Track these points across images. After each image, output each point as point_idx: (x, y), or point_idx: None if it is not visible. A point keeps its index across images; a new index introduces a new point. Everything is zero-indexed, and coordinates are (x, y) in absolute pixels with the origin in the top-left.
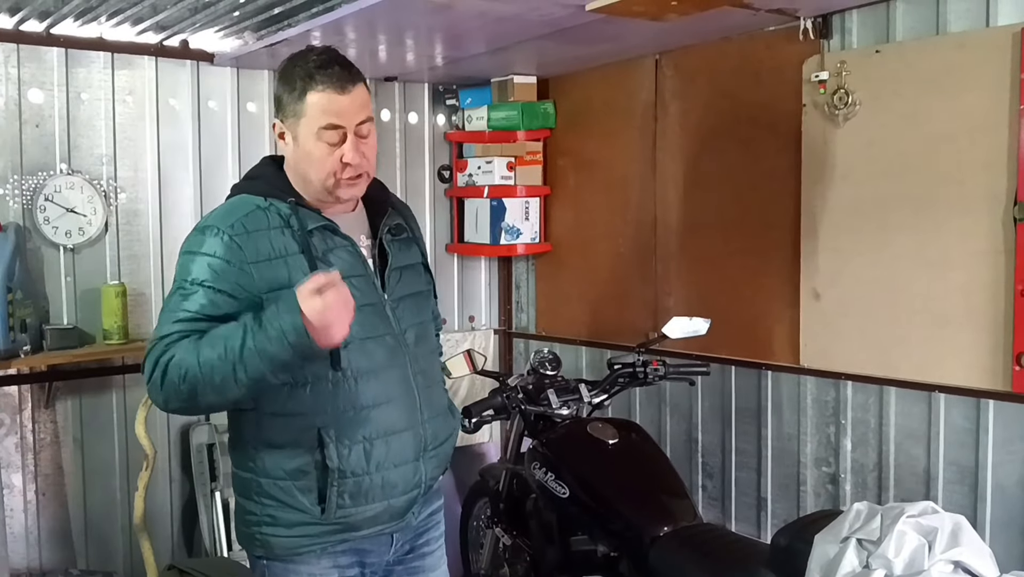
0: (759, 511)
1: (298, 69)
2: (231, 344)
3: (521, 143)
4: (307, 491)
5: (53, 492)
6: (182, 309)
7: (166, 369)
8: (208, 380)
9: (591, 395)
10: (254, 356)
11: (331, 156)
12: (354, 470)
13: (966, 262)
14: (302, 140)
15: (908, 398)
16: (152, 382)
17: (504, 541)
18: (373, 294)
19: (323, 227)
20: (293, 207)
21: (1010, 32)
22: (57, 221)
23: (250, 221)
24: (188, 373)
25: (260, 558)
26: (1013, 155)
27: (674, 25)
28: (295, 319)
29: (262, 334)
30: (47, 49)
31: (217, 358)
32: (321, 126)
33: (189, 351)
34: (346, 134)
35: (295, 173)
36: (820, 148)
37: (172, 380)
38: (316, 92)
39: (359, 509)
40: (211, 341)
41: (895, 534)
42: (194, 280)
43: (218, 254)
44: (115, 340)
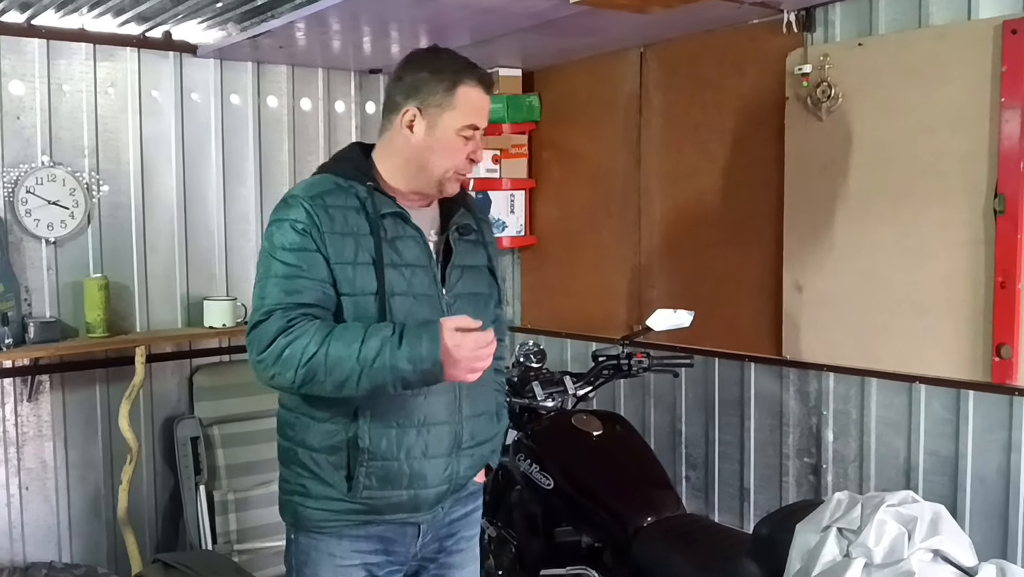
0: (742, 501)
1: (449, 62)
2: (366, 351)
3: (506, 136)
4: (338, 467)
5: (37, 486)
6: (277, 275)
7: (287, 346)
8: (330, 373)
9: (576, 387)
10: (385, 369)
11: (463, 151)
12: (384, 454)
13: (947, 254)
14: (441, 130)
15: (889, 389)
16: (268, 353)
17: (489, 533)
18: (432, 286)
19: (395, 214)
20: (370, 190)
21: (991, 25)
22: (39, 213)
23: (329, 196)
24: (312, 361)
25: (291, 527)
26: (994, 147)
27: (658, 17)
28: (435, 349)
29: (400, 353)
30: (28, 40)
31: (348, 358)
32: (467, 123)
33: (316, 338)
34: (477, 134)
35: (408, 163)
36: (803, 140)
37: (290, 360)
38: (468, 86)
39: (385, 493)
40: (343, 338)
41: (875, 523)
42: (281, 244)
43: (300, 219)
44: (98, 333)
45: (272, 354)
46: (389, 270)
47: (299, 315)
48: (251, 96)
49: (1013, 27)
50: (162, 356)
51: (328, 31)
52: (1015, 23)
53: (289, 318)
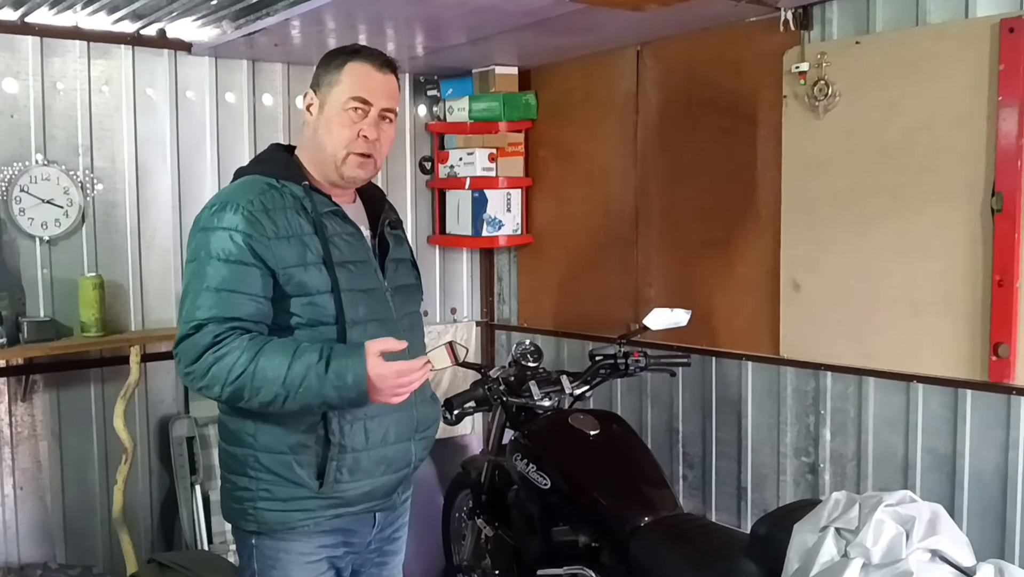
0: (739, 501)
1: (344, 48)
2: (292, 376)
3: (502, 134)
4: (306, 465)
5: (31, 486)
6: (211, 287)
7: (215, 362)
8: (257, 391)
9: (572, 386)
10: (311, 393)
11: (351, 127)
12: (354, 446)
13: (944, 252)
14: (328, 107)
15: (887, 388)
16: (196, 367)
17: (486, 532)
18: (374, 280)
19: (333, 212)
20: (307, 189)
21: (989, 23)
22: (33, 212)
23: (267, 199)
24: (239, 378)
25: (250, 534)
26: (991, 146)
27: (655, 16)
28: (360, 378)
29: (326, 380)
30: (22, 38)
31: (274, 381)
32: (350, 96)
33: (244, 356)
34: (368, 112)
35: (310, 147)
36: (800, 139)
37: (218, 376)
38: (355, 63)
39: (355, 484)
40: (271, 360)
41: (873, 523)
42: (218, 255)
43: (240, 228)
44: (93, 333)
45: (200, 369)
46: (338, 268)
47: (228, 329)
48: (246, 94)
49: (1011, 25)
50: (157, 355)
51: (323, 29)
52: (1012, 21)
53: (217, 333)
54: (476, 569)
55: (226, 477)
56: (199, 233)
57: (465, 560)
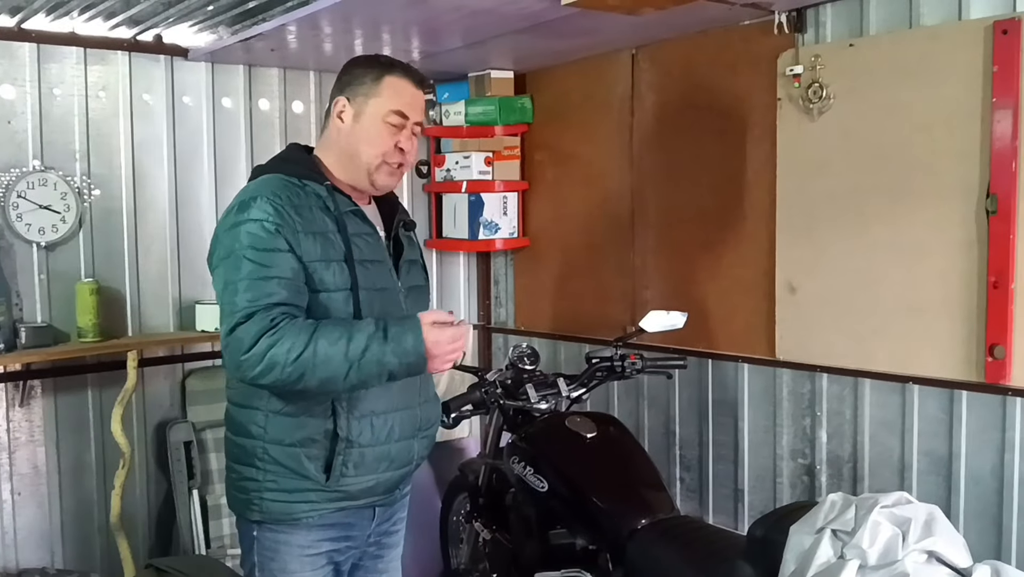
0: (736, 503)
1: (379, 58)
2: (354, 348)
3: (499, 138)
4: (314, 459)
5: (29, 492)
6: (253, 276)
7: (272, 346)
8: (319, 370)
9: (569, 389)
10: (372, 363)
11: (389, 139)
12: (361, 441)
13: (940, 254)
14: (366, 118)
15: (883, 389)
16: (252, 354)
17: (483, 535)
18: (391, 280)
19: (354, 212)
20: (329, 189)
21: (982, 25)
22: (30, 218)
23: (294, 196)
24: (299, 359)
25: (253, 525)
26: (986, 147)
27: (650, 19)
28: (419, 344)
29: (387, 347)
30: (18, 44)
31: (336, 355)
32: (392, 109)
33: (301, 337)
34: (406, 125)
35: (341, 154)
36: (795, 141)
37: (276, 358)
38: (395, 77)
39: (359, 479)
40: (328, 336)
41: (869, 525)
42: (254, 245)
43: (270, 217)
44: (90, 338)
45: (256, 355)
46: (357, 266)
47: (279, 314)
48: (243, 99)
49: (1004, 27)
50: (154, 360)
51: (320, 34)
52: (1006, 23)
53: (271, 317)
54: (474, 572)
55: (232, 467)
56: (230, 230)
57: (463, 563)
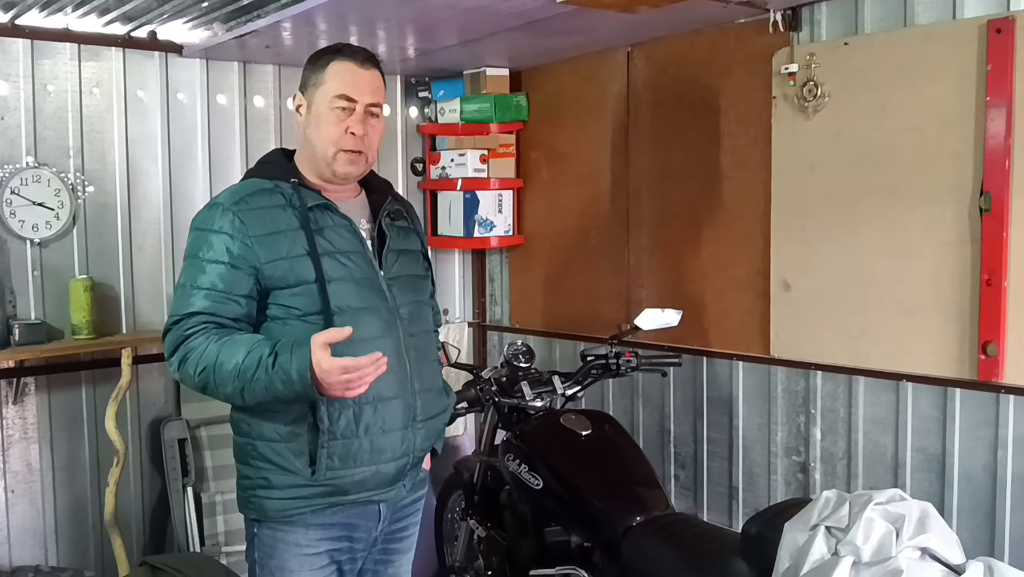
0: (730, 500)
1: (327, 48)
2: (245, 367)
3: (494, 136)
4: (299, 453)
5: (23, 489)
6: (196, 285)
7: (185, 357)
8: (220, 385)
9: (564, 387)
10: (261, 387)
11: (338, 124)
12: (343, 432)
13: (933, 252)
14: (315, 107)
15: (876, 387)
16: (171, 362)
17: (478, 533)
18: (369, 270)
19: (322, 205)
20: (295, 186)
21: (976, 24)
22: (23, 214)
23: (254, 199)
24: (204, 371)
25: (253, 523)
26: (979, 146)
27: (645, 17)
28: (304, 371)
29: (273, 373)
30: (12, 40)
31: (230, 373)
32: (335, 94)
33: (209, 349)
34: (355, 108)
35: (304, 148)
36: (790, 140)
37: (188, 370)
38: (337, 62)
39: (347, 472)
40: (228, 351)
41: (863, 521)
42: (204, 256)
43: (224, 229)
44: (83, 335)
45: (177, 358)
46: (325, 259)
47: (197, 323)
48: (237, 96)
49: (998, 26)
50: (149, 357)
51: (315, 31)
52: (1000, 22)
53: (187, 327)
54: (468, 570)
55: (236, 466)
56: (194, 231)
57: (457, 561)
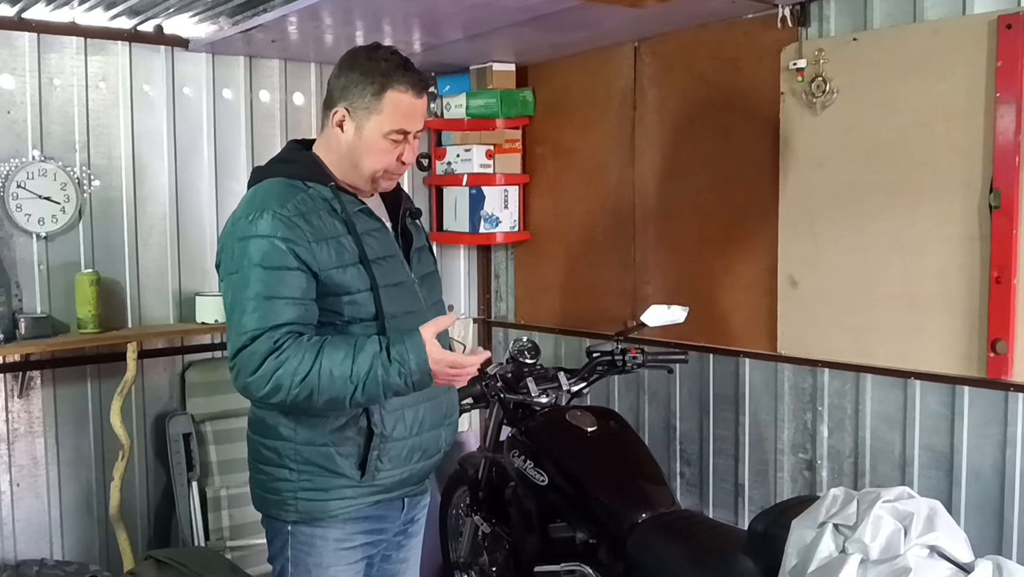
0: (736, 497)
1: (380, 64)
2: (358, 368)
3: (500, 131)
4: (347, 456)
5: (28, 483)
6: (264, 295)
7: (277, 368)
8: (325, 390)
9: (570, 383)
10: (376, 383)
11: (391, 153)
12: (395, 435)
13: (942, 249)
14: (368, 133)
15: (884, 384)
16: (258, 376)
17: (483, 529)
18: (404, 273)
19: (361, 210)
20: (334, 190)
21: (986, 19)
22: (29, 208)
23: (301, 203)
24: (305, 381)
25: (286, 523)
26: (989, 142)
27: (652, 12)
28: (422, 361)
29: (390, 367)
30: (18, 34)
31: (340, 376)
32: (394, 128)
33: (306, 358)
34: (407, 139)
35: (341, 160)
36: (798, 135)
37: (283, 380)
38: (397, 92)
39: (392, 472)
40: (332, 356)
41: (871, 519)
42: (266, 264)
43: (279, 234)
44: (89, 329)
45: (263, 377)
46: (373, 265)
47: (284, 334)
48: (243, 91)
49: (1008, 22)
50: (154, 352)
51: (321, 25)
52: (1010, 18)
53: (275, 339)
54: (473, 566)
55: (261, 469)
56: (238, 243)
57: (462, 557)
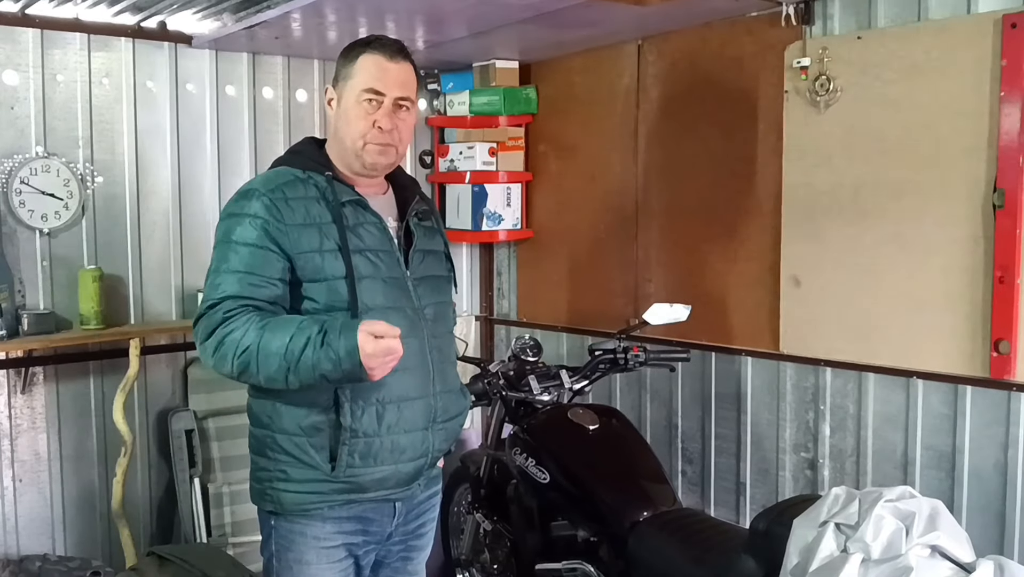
0: (738, 496)
1: (360, 40)
2: (292, 347)
3: (503, 128)
4: (320, 448)
5: (30, 479)
6: (230, 269)
7: (223, 340)
8: (262, 366)
9: (572, 381)
10: (308, 367)
11: (365, 118)
12: (365, 431)
13: (945, 248)
14: (344, 100)
15: (886, 384)
16: (205, 346)
17: (485, 527)
18: (396, 269)
19: (355, 201)
20: (329, 180)
21: (991, 19)
22: (33, 204)
23: (289, 188)
24: (245, 353)
25: (270, 515)
26: (993, 142)
27: (656, 10)
28: (353, 350)
29: (321, 352)
30: (22, 30)
31: (276, 352)
32: (363, 88)
33: (250, 332)
34: (382, 102)
35: (334, 140)
36: (801, 134)
37: (226, 353)
38: (367, 55)
39: (367, 470)
40: (273, 332)
41: (873, 518)
42: (238, 240)
43: (259, 214)
44: (92, 325)
45: (211, 345)
46: (355, 255)
47: (240, 307)
48: (247, 87)
49: (1013, 21)
50: (157, 348)
51: (324, 22)
52: (1015, 17)
53: (228, 309)
54: (474, 563)
55: (252, 458)
56: (226, 219)
57: (463, 554)
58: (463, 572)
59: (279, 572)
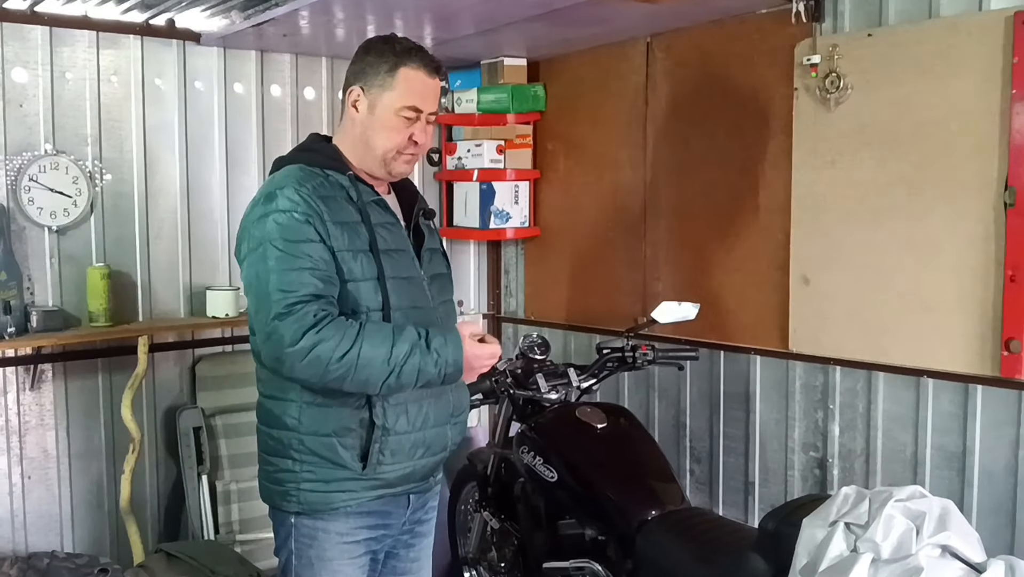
0: (747, 495)
1: (394, 45)
2: (397, 352)
3: (511, 126)
4: (350, 448)
5: (39, 475)
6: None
7: (317, 344)
8: (361, 372)
9: (580, 380)
10: (413, 371)
11: (403, 132)
12: (397, 429)
13: (956, 247)
14: (380, 111)
15: (896, 383)
16: (297, 348)
17: (492, 525)
18: (413, 269)
19: (376, 201)
20: (352, 179)
21: (1003, 16)
22: (42, 202)
23: (320, 186)
24: (345, 358)
25: (289, 514)
26: (1004, 140)
27: (665, 7)
28: (459, 355)
29: (428, 357)
30: (31, 28)
31: (379, 358)
32: (405, 104)
33: (347, 336)
34: (420, 117)
35: (356, 142)
36: (811, 132)
37: (322, 356)
38: (410, 68)
39: (396, 466)
40: (372, 339)
41: (883, 518)
42: (284, 236)
43: (299, 208)
44: (100, 322)
45: (302, 351)
46: (382, 256)
47: (321, 309)
48: (255, 85)
49: None
50: (165, 345)
51: (332, 19)
52: None
53: (314, 313)
54: (481, 562)
55: (266, 459)
56: (256, 222)
57: (470, 552)
58: (470, 570)
59: (298, 571)
